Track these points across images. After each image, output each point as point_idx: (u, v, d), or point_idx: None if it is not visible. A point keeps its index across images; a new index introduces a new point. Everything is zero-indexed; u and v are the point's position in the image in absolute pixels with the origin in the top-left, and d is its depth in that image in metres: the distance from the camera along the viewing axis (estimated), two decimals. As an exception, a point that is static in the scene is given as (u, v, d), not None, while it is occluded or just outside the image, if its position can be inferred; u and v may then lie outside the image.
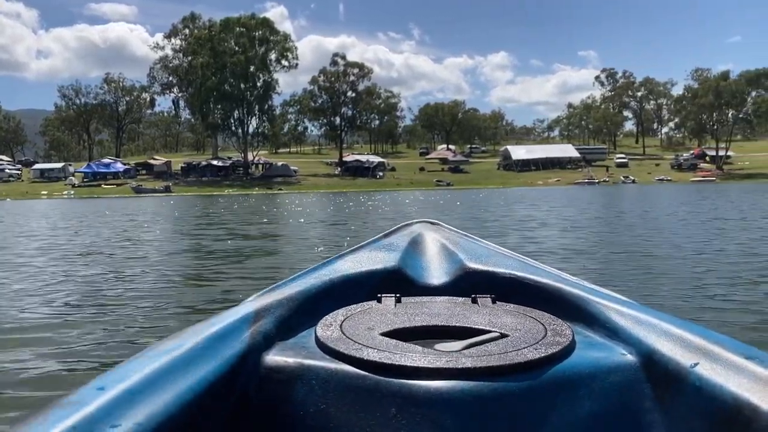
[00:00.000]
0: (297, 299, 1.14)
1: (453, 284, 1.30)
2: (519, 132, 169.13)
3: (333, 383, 0.90)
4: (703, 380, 0.87)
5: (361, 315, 1.11)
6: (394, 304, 1.17)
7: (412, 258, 1.39)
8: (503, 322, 1.08)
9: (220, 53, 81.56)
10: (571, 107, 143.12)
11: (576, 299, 1.17)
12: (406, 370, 0.88)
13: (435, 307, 1.16)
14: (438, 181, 79.89)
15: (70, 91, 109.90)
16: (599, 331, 1.09)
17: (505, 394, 0.87)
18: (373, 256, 1.38)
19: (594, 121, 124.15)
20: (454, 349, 0.95)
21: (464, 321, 1.09)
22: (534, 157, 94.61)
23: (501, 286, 1.26)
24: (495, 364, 0.89)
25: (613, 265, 6.94)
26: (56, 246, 10.69)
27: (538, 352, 0.94)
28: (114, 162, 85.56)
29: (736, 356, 0.88)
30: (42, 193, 67.42)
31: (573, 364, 0.95)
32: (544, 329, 1.04)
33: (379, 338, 0.99)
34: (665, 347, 0.96)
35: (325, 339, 0.98)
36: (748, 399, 0.81)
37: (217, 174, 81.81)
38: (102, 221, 18.91)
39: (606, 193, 43.22)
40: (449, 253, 1.42)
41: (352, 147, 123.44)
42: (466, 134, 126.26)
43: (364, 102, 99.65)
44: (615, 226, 13.25)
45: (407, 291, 1.26)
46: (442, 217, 11.68)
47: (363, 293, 1.24)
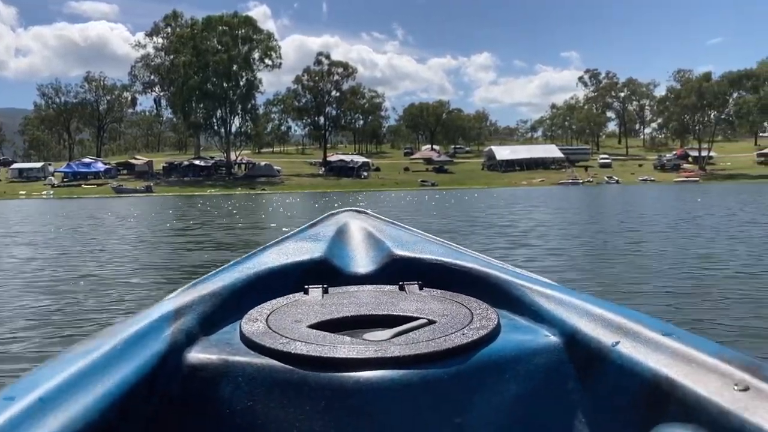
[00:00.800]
0: (220, 294, 1.11)
1: (380, 272, 1.29)
2: (503, 132, 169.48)
3: (259, 379, 0.89)
4: (624, 358, 0.90)
5: (288, 308, 1.09)
6: (321, 295, 1.16)
7: (339, 247, 1.38)
8: (430, 308, 1.08)
9: (202, 52, 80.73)
10: (555, 108, 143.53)
11: (501, 283, 1.19)
12: (334, 362, 0.88)
13: (362, 297, 1.16)
14: (423, 182, 79.62)
15: (49, 89, 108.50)
16: (524, 314, 1.11)
17: (434, 380, 0.88)
18: (299, 246, 1.37)
19: (577, 121, 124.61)
20: (383, 338, 0.95)
21: (392, 309, 1.08)
22: (518, 158, 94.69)
23: (428, 272, 1.26)
24: (423, 351, 0.89)
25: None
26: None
27: (465, 337, 0.94)
28: (95, 162, 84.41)
29: (655, 333, 0.91)
30: (20, 193, 66.33)
31: (499, 347, 0.95)
32: (470, 314, 1.05)
33: (307, 331, 0.98)
34: (587, 327, 0.98)
35: (250, 334, 0.96)
36: (666, 374, 0.83)
37: (199, 174, 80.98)
38: (60, 223, 18.33)
39: (592, 193, 43.13)
40: (376, 241, 1.41)
41: (336, 147, 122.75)
42: (450, 134, 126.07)
43: (348, 102, 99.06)
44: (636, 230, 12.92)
45: (334, 281, 1.25)
46: (442, 222, 11.29)
47: (289, 285, 1.22)
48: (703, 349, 0.85)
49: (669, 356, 0.86)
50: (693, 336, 0.90)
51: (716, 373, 0.80)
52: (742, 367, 0.79)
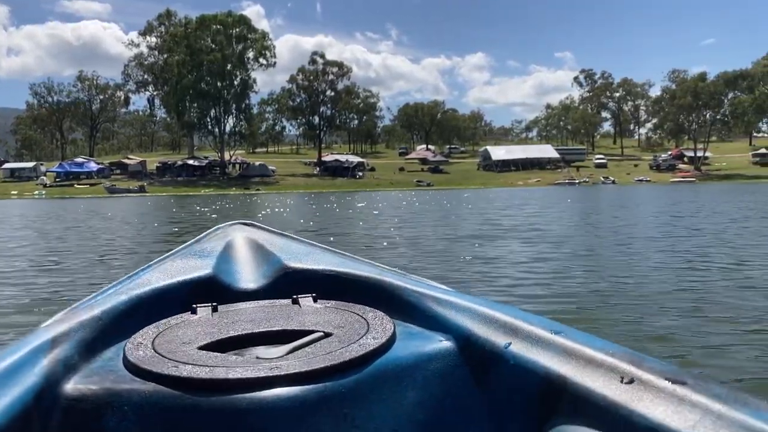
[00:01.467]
0: (101, 319, 1.05)
1: (272, 286, 1.26)
2: (497, 132, 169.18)
3: (147, 408, 0.84)
4: (517, 358, 0.92)
5: (175, 329, 1.05)
6: (211, 313, 1.12)
7: (227, 263, 1.34)
8: (326, 320, 1.07)
9: (196, 51, 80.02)
10: (550, 108, 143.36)
11: (396, 291, 1.18)
12: (228, 383, 0.85)
13: (255, 313, 1.12)
14: (418, 182, 79.21)
15: (42, 89, 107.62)
16: (419, 320, 1.11)
17: (332, 395, 0.86)
18: (185, 264, 1.31)
19: (572, 121, 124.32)
20: (277, 354, 0.93)
21: (286, 324, 1.06)
22: (513, 158, 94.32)
23: (322, 283, 1.24)
24: (319, 366, 0.88)
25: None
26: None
27: (362, 348, 0.93)
28: (87, 161, 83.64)
29: (545, 332, 0.93)
30: (12, 193, 65.60)
31: (395, 356, 0.95)
32: (366, 324, 1.04)
33: (196, 352, 0.94)
34: (480, 330, 1.00)
35: (135, 360, 0.91)
36: (557, 371, 0.86)
37: (193, 174, 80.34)
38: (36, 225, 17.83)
39: (589, 194, 42.78)
40: (266, 254, 1.37)
41: (330, 147, 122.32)
42: (445, 134, 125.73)
43: (343, 101, 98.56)
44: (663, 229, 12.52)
45: (224, 299, 1.21)
46: (455, 222, 10.72)
47: (176, 306, 1.16)
48: (590, 345, 0.88)
49: (559, 354, 0.88)
50: (581, 333, 0.93)
51: (603, 368, 0.82)
52: (627, 361, 0.82)
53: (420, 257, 8.22)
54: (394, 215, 19.40)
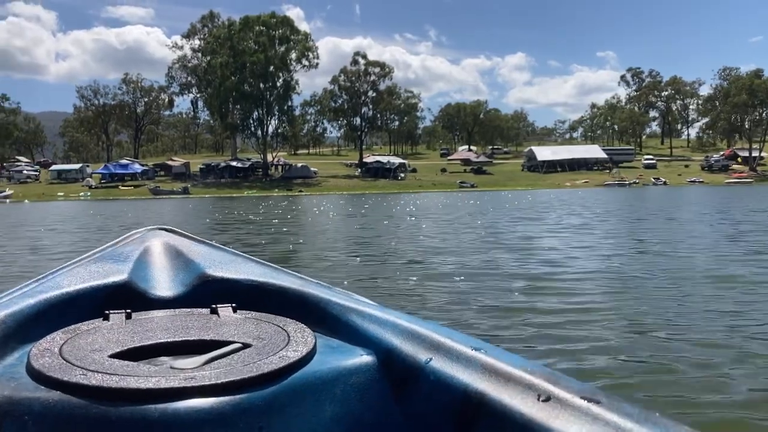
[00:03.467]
0: (4, 323, 1.00)
1: (191, 295, 1.23)
2: (540, 133, 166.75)
3: (51, 417, 0.80)
4: (437, 374, 0.92)
5: (85, 336, 1.00)
6: (124, 321, 1.08)
7: (143, 269, 1.29)
8: (245, 331, 1.05)
9: (239, 52, 79.99)
10: (595, 107, 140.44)
11: (318, 303, 1.17)
12: (139, 393, 0.82)
13: (171, 321, 1.09)
14: (462, 183, 77.73)
15: (88, 91, 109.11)
16: (340, 333, 1.10)
17: (248, 407, 0.85)
18: (99, 268, 1.27)
19: (619, 121, 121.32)
20: (193, 365, 0.91)
21: (204, 334, 1.03)
22: (559, 158, 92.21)
23: (243, 293, 1.22)
24: (236, 378, 0.86)
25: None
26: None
27: (281, 360, 0.92)
28: (132, 163, 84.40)
29: (466, 349, 0.93)
30: (58, 194, 66.27)
31: (315, 369, 0.94)
32: (287, 336, 1.03)
33: (107, 360, 0.90)
34: (402, 345, 0.99)
35: (40, 366, 0.87)
36: (476, 388, 0.86)
37: (236, 175, 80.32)
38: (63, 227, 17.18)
39: (647, 196, 40.96)
40: (185, 261, 1.34)
41: (370, 148, 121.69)
42: (488, 135, 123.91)
43: (384, 102, 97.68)
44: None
45: (139, 306, 1.17)
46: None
47: (87, 311, 1.12)
48: (509, 362, 0.88)
49: (478, 371, 0.88)
50: (500, 350, 0.93)
51: (521, 385, 0.83)
52: (544, 378, 0.83)
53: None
54: (496, 220, 18.26)
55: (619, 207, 24.01)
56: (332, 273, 7.30)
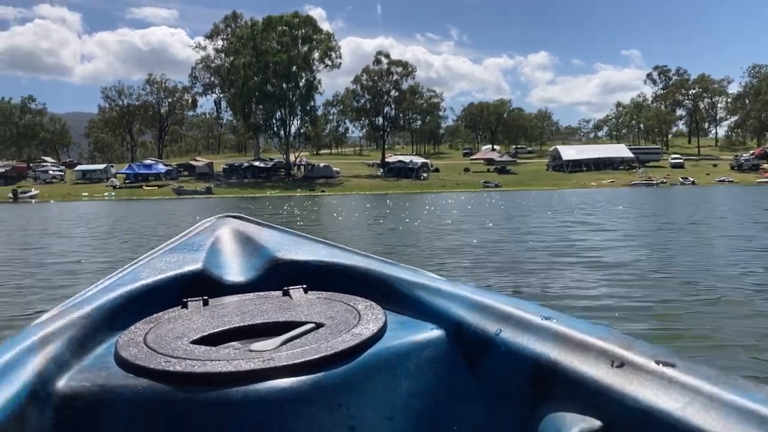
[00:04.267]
0: (92, 316, 1.05)
1: (263, 278, 1.26)
2: (564, 132, 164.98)
3: (141, 403, 0.84)
4: (508, 344, 0.93)
5: (167, 324, 1.04)
6: (202, 307, 1.12)
7: (217, 256, 1.34)
8: (317, 311, 1.07)
9: (262, 52, 80.00)
10: (620, 106, 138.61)
11: (386, 280, 1.19)
12: (221, 377, 0.85)
13: (246, 306, 1.12)
14: (485, 183, 76.91)
15: (113, 92, 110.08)
16: (410, 309, 1.11)
17: (326, 385, 0.87)
18: (175, 259, 1.31)
19: (645, 120, 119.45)
20: (270, 347, 0.93)
21: (278, 316, 1.06)
22: (584, 158, 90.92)
23: (312, 274, 1.25)
24: (312, 357, 0.88)
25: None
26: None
27: (354, 338, 0.94)
28: (155, 163, 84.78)
29: (535, 318, 0.94)
30: (83, 194, 66.67)
31: (387, 345, 0.96)
32: (357, 314, 1.04)
33: (189, 347, 0.94)
34: (471, 318, 1.01)
35: (127, 356, 0.91)
36: (547, 356, 0.86)
37: (258, 175, 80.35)
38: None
39: (685, 196, 39.93)
40: (255, 246, 1.37)
41: (392, 148, 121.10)
42: (511, 134, 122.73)
43: (407, 101, 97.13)
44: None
45: (215, 292, 1.21)
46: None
47: (167, 301, 1.16)
48: (580, 329, 0.88)
49: (549, 339, 0.89)
50: (570, 318, 0.94)
51: (594, 352, 0.83)
52: (617, 344, 0.83)
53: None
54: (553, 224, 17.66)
55: (666, 209, 23.05)
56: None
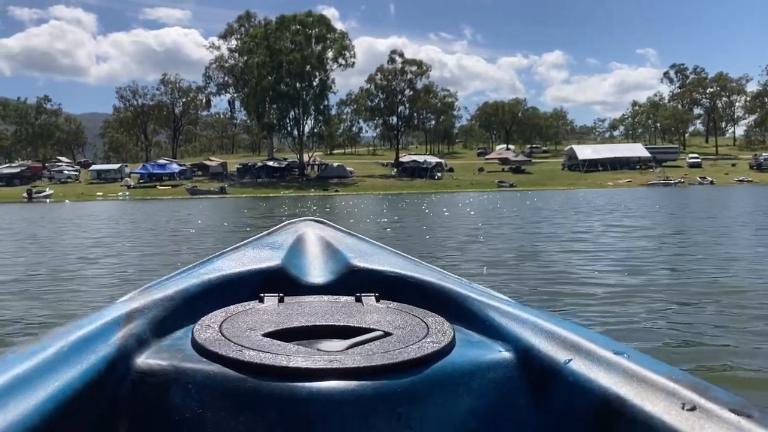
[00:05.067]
0: (173, 299, 1.09)
1: (337, 283, 1.28)
2: (579, 131, 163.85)
3: (211, 387, 0.87)
4: (576, 375, 0.91)
5: (242, 315, 1.07)
6: (277, 303, 1.15)
7: (296, 256, 1.36)
8: (387, 320, 1.08)
9: (276, 52, 79.84)
10: (636, 105, 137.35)
11: (457, 297, 1.19)
12: (288, 371, 0.87)
13: (319, 307, 1.15)
14: (500, 182, 76.32)
15: (127, 92, 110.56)
16: (479, 328, 1.11)
17: (388, 393, 0.87)
18: (256, 254, 1.35)
19: (662, 119, 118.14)
20: (338, 348, 0.95)
21: (348, 320, 1.08)
22: (601, 157, 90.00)
23: (385, 284, 1.26)
24: (377, 363, 0.89)
25: None
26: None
27: (420, 350, 0.94)
28: (170, 163, 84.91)
29: (606, 352, 0.92)
30: (97, 194, 66.81)
31: (453, 361, 0.96)
32: (426, 327, 1.05)
33: (261, 339, 0.97)
34: (541, 344, 0.99)
35: (202, 341, 0.94)
36: (616, 392, 0.85)
37: (272, 175, 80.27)
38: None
39: (708, 195, 39.18)
40: (334, 251, 1.39)
41: (406, 148, 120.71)
42: (526, 134, 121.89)
43: (421, 100, 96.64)
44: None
45: (291, 290, 1.23)
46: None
47: (244, 293, 1.20)
48: (652, 369, 0.87)
49: (619, 375, 0.87)
50: (643, 356, 0.92)
51: (665, 393, 0.81)
52: (690, 388, 0.81)
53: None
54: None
55: (696, 209, 22.44)
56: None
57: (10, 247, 11.89)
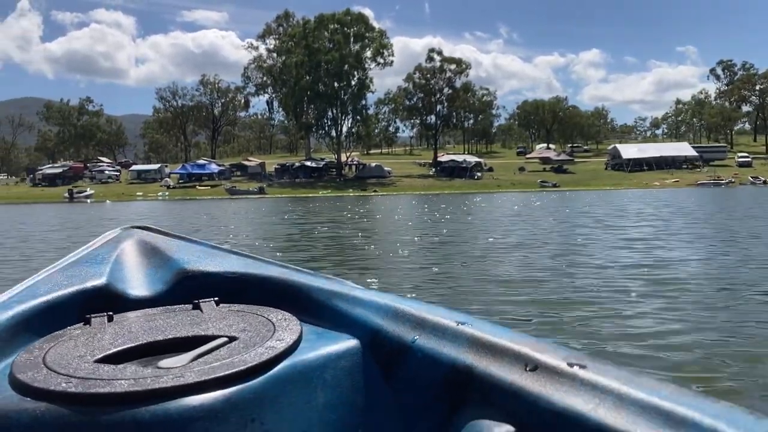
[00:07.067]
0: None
1: (172, 292, 1.22)
2: (620, 130, 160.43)
3: (39, 429, 0.79)
4: (424, 351, 0.93)
5: (68, 342, 0.98)
6: (107, 323, 1.07)
7: (122, 269, 1.28)
8: (230, 324, 1.04)
9: (314, 51, 79.36)
10: (680, 103, 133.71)
11: (301, 290, 1.17)
12: (128, 396, 0.80)
13: (154, 320, 1.08)
14: (543, 182, 74.46)
15: (167, 93, 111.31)
16: (326, 319, 1.10)
17: (239, 400, 0.85)
18: (76, 272, 1.25)
19: (709, 117, 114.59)
20: (180, 363, 0.90)
21: (188, 330, 1.03)
22: (646, 156, 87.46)
23: (225, 286, 1.22)
24: (224, 373, 0.86)
25: None
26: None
27: (268, 350, 0.92)
28: (209, 163, 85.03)
29: (451, 323, 0.95)
30: (137, 194, 67.05)
31: (302, 357, 0.94)
32: (272, 326, 1.02)
33: (92, 366, 0.89)
34: (388, 326, 1.01)
35: (24, 378, 0.85)
36: (463, 361, 0.88)
37: (310, 175, 79.78)
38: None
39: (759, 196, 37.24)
40: (164, 258, 1.32)
41: (443, 147, 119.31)
42: (567, 132, 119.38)
43: (460, 99, 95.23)
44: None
45: (121, 307, 1.15)
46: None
47: (69, 317, 1.10)
48: (495, 334, 0.89)
49: (465, 345, 0.90)
50: (486, 323, 0.94)
51: (508, 356, 0.84)
52: (531, 348, 0.84)
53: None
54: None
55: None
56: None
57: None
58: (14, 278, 6.39)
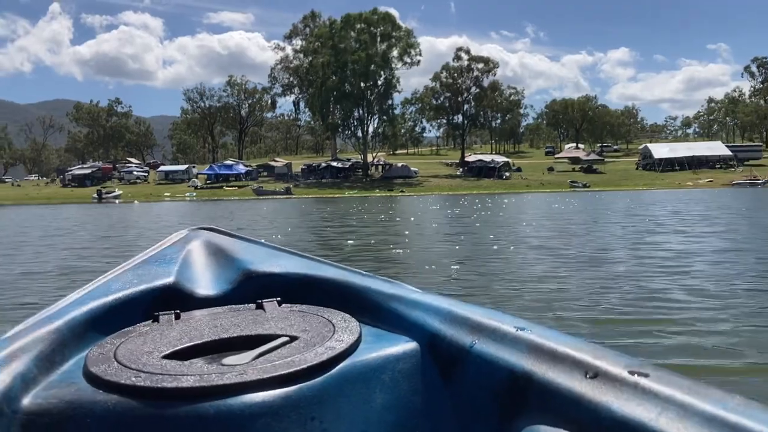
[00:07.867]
0: (60, 331, 1.03)
1: (236, 292, 1.25)
2: (651, 130, 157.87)
3: (111, 420, 0.82)
4: (483, 356, 0.93)
5: (137, 339, 1.03)
6: (174, 321, 1.11)
7: (189, 269, 1.32)
8: (291, 324, 1.07)
9: (341, 51, 79.03)
10: (712, 102, 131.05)
11: (360, 292, 1.19)
12: (193, 392, 0.84)
13: (219, 319, 1.11)
14: (573, 183, 73.21)
15: (194, 94, 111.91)
16: (385, 321, 1.12)
17: (299, 399, 0.87)
18: (146, 272, 1.29)
19: (743, 116, 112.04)
20: (243, 361, 0.92)
21: (251, 329, 1.05)
22: (678, 156, 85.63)
23: (286, 287, 1.25)
24: (285, 371, 0.88)
25: None
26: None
27: (328, 351, 0.94)
28: (236, 164, 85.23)
29: (510, 329, 0.95)
30: (165, 194, 67.24)
31: (361, 357, 0.96)
32: (332, 327, 1.04)
33: (160, 361, 0.93)
34: (447, 330, 1.01)
35: (96, 371, 0.89)
36: (522, 367, 0.87)
37: (336, 175, 79.51)
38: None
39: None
40: (228, 259, 1.36)
41: (470, 147, 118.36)
42: (596, 132, 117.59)
43: (488, 98, 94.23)
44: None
45: (187, 306, 1.19)
46: None
47: (138, 315, 1.15)
48: (554, 340, 0.89)
49: (524, 350, 0.89)
50: (545, 328, 0.94)
51: (568, 362, 0.84)
52: (591, 355, 0.83)
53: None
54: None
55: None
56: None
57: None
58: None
